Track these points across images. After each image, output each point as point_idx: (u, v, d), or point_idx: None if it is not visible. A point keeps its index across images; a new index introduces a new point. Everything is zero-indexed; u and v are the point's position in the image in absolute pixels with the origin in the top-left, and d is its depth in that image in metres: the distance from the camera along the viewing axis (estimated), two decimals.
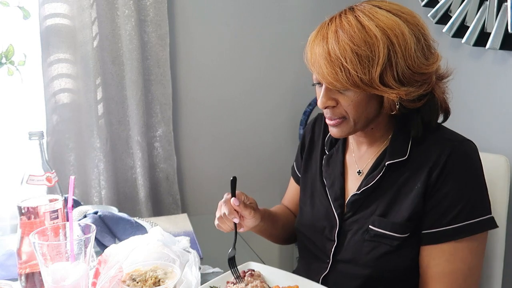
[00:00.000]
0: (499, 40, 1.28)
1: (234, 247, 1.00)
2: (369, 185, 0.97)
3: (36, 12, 1.49)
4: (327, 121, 0.98)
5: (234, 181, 1.01)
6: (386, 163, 0.95)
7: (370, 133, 1.00)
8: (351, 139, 1.07)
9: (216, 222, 1.05)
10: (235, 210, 1.00)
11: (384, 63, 0.86)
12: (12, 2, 1.36)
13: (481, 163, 0.93)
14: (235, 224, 1.02)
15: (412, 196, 0.92)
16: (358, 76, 0.86)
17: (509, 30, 1.24)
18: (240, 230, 1.04)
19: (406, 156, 0.94)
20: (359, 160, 1.04)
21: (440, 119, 0.98)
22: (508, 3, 1.24)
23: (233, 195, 1.01)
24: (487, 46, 1.31)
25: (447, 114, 0.98)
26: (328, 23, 0.91)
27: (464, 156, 0.91)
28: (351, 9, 0.91)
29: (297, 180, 1.23)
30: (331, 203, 1.04)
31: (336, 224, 1.02)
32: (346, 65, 0.86)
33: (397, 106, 0.91)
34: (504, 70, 1.33)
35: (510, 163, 1.15)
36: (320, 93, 0.94)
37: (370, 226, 0.95)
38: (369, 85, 0.87)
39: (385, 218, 0.94)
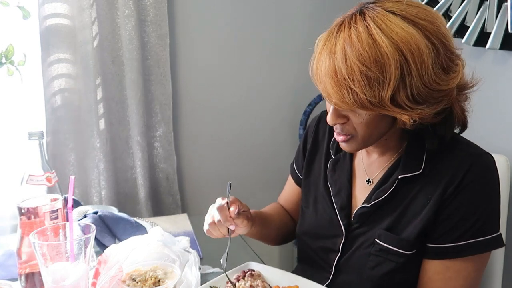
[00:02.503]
0: (499, 40, 1.28)
1: (226, 256, 0.96)
2: (380, 198, 0.92)
3: (36, 12, 1.49)
4: (336, 137, 0.92)
5: (230, 186, 0.97)
6: (399, 177, 0.90)
7: (382, 144, 0.95)
8: None
9: (206, 227, 0.99)
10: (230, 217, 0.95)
11: (396, 84, 0.78)
12: (12, 2, 1.36)
13: (498, 177, 0.89)
14: (228, 230, 0.97)
15: (423, 212, 0.88)
16: (366, 99, 0.79)
17: (509, 30, 1.24)
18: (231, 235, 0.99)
19: (421, 170, 0.89)
20: (369, 168, 0.99)
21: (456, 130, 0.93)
22: (508, 3, 1.24)
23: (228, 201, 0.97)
24: (487, 46, 1.31)
25: (463, 127, 0.92)
26: (336, 33, 0.82)
27: (483, 171, 0.87)
28: (362, 13, 0.81)
29: (297, 181, 1.19)
30: (337, 213, 1.00)
31: (342, 235, 0.98)
32: (354, 87, 0.78)
33: (411, 122, 0.82)
34: (504, 70, 1.33)
35: (510, 162, 1.15)
36: (329, 107, 0.88)
37: (376, 240, 0.92)
38: (379, 106, 0.80)
39: (393, 232, 0.90)
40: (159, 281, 0.87)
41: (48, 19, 1.51)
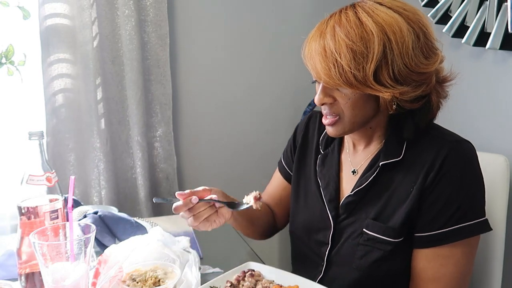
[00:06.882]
0: (499, 40, 1.28)
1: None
2: (363, 185, 0.95)
3: (36, 12, 1.49)
4: (323, 120, 0.97)
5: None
6: (380, 164, 0.94)
7: (368, 133, 0.99)
8: (347, 138, 1.05)
9: (191, 221, 0.97)
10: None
11: (379, 60, 0.84)
12: (12, 2, 1.36)
13: (478, 164, 0.91)
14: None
15: (407, 199, 0.90)
16: (351, 72, 0.85)
17: (509, 30, 1.24)
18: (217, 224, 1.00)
19: (401, 157, 0.93)
20: (354, 159, 1.03)
21: None
22: (508, 3, 1.24)
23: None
24: (487, 46, 1.31)
25: (431, 119, 0.96)
26: (327, 19, 0.91)
27: (461, 157, 0.89)
28: (352, 5, 0.90)
29: (286, 176, 1.20)
30: (326, 205, 1.03)
31: (330, 227, 1.01)
32: (340, 61, 0.85)
33: (394, 106, 0.89)
34: (504, 70, 1.33)
35: (510, 162, 1.15)
36: (318, 89, 0.94)
37: (364, 230, 0.94)
38: (363, 82, 0.85)
39: (379, 221, 0.93)
40: (159, 281, 0.87)
41: (48, 19, 1.52)
